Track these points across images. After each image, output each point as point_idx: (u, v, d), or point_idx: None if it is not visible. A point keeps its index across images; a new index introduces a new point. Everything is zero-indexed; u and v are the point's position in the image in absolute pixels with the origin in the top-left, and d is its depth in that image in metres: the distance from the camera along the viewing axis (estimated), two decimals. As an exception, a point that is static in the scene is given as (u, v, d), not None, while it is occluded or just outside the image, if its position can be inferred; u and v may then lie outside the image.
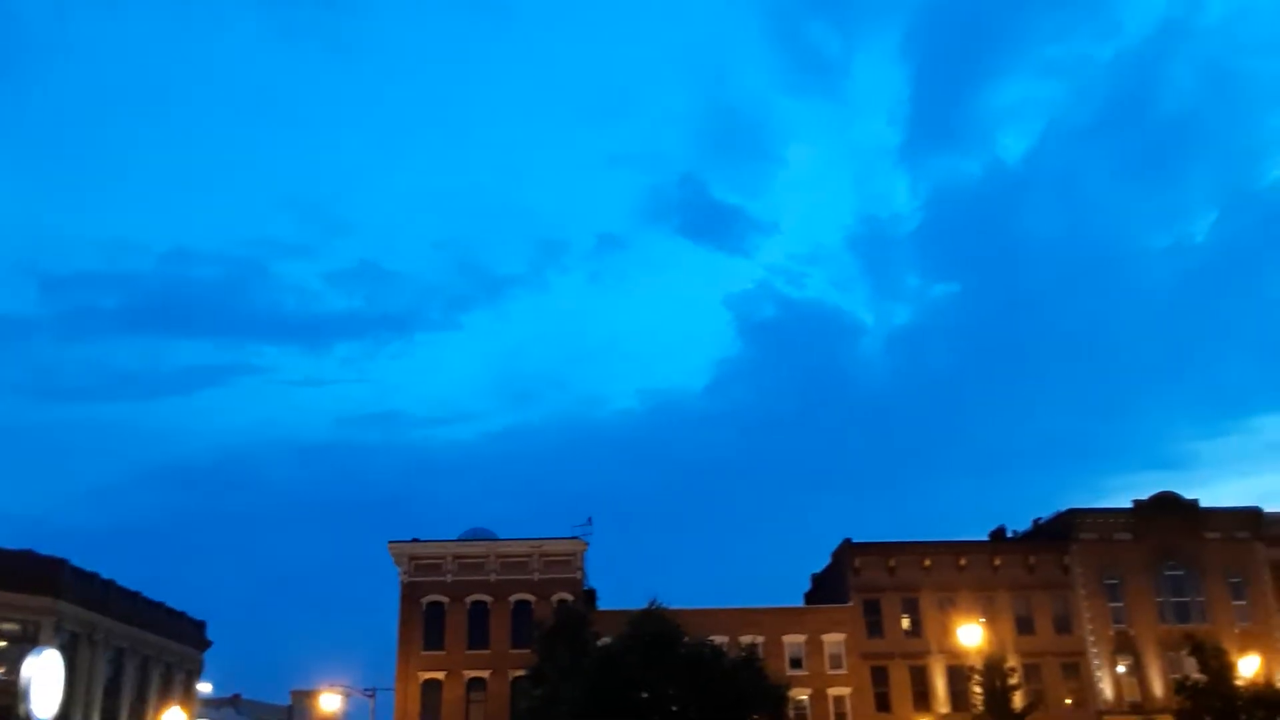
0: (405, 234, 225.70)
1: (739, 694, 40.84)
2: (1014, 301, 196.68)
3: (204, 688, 59.27)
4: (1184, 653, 50.15)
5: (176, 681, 54.50)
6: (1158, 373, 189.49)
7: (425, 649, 54.26)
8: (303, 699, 71.77)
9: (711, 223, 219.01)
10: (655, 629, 40.85)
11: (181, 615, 56.38)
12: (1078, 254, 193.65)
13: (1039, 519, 61.28)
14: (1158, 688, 54.29)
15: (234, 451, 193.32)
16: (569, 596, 54.43)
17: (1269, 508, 59.51)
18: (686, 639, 41.47)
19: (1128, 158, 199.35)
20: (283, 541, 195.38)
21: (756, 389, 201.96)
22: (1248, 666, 48.60)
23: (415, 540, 56.41)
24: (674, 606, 43.37)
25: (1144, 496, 59.44)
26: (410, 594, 55.26)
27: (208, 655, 59.58)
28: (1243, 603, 57.06)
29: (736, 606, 55.29)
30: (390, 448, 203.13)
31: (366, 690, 50.05)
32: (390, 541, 56.07)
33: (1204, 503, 59.43)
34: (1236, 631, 55.58)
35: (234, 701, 72.28)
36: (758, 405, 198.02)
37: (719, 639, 48.30)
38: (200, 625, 58.77)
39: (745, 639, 52.50)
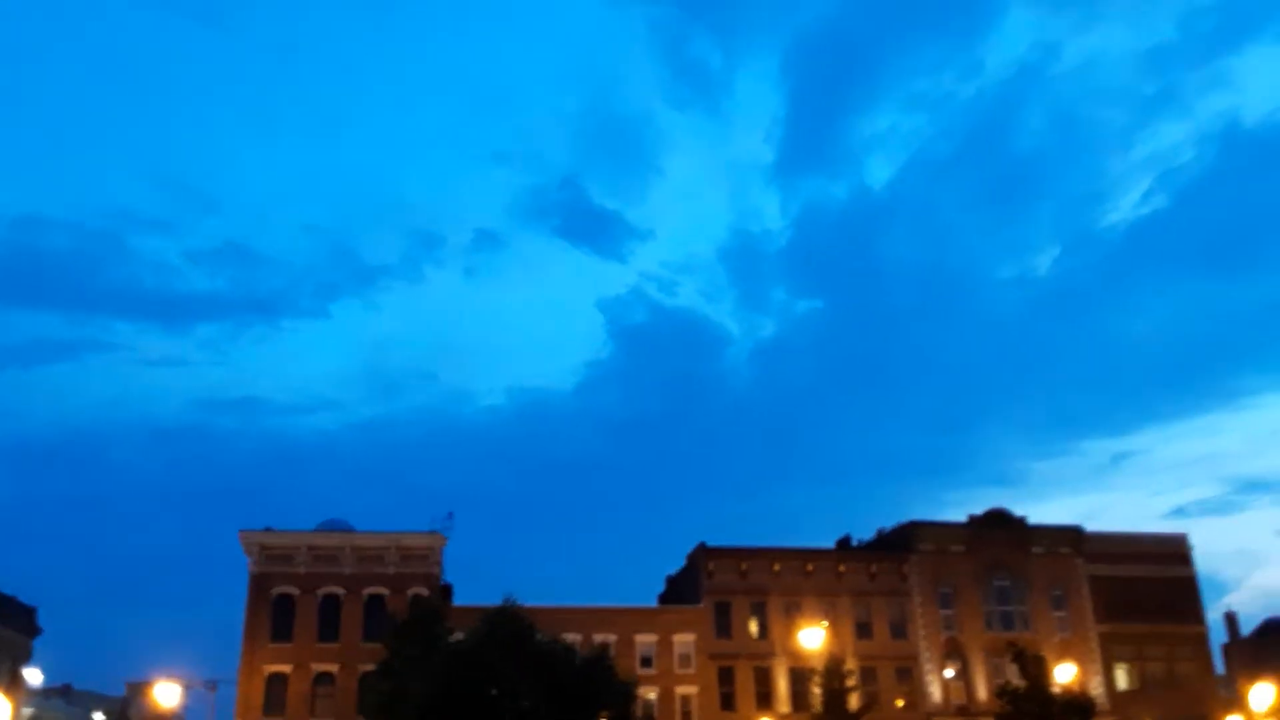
0: (275, 216, 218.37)
1: (589, 691, 41.68)
2: (873, 320, 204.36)
3: (33, 676, 56.54)
4: (1007, 659, 53.32)
5: (2, 669, 51.91)
6: (999, 395, 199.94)
7: (273, 641, 53.18)
8: (138, 690, 69.05)
9: (589, 226, 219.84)
10: (509, 626, 41.35)
11: (10, 600, 53.72)
12: (933, 279, 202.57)
13: (882, 529, 64.18)
14: (982, 692, 57.63)
15: (80, 430, 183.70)
16: (425, 591, 54.25)
17: (1090, 526, 64.11)
18: (540, 636, 42.11)
19: (982, 191, 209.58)
20: (127, 527, 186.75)
21: (624, 392, 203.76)
22: (1064, 674, 52.16)
23: (268, 530, 55.23)
24: (530, 604, 43.95)
25: (979, 512, 63.07)
26: (259, 584, 54.08)
27: (38, 642, 56.89)
28: (1063, 614, 61.12)
29: (591, 605, 56.13)
30: (248, 434, 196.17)
31: (207, 682, 48.67)
32: (241, 530, 54.76)
33: (1032, 519, 63.42)
34: (1056, 641, 59.56)
35: (64, 691, 68.99)
36: (625, 408, 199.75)
37: (572, 637, 49.17)
38: (30, 611, 56.09)
39: (599, 637, 53.65)
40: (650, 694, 53.85)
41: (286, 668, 52.83)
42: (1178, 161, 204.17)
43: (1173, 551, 64.60)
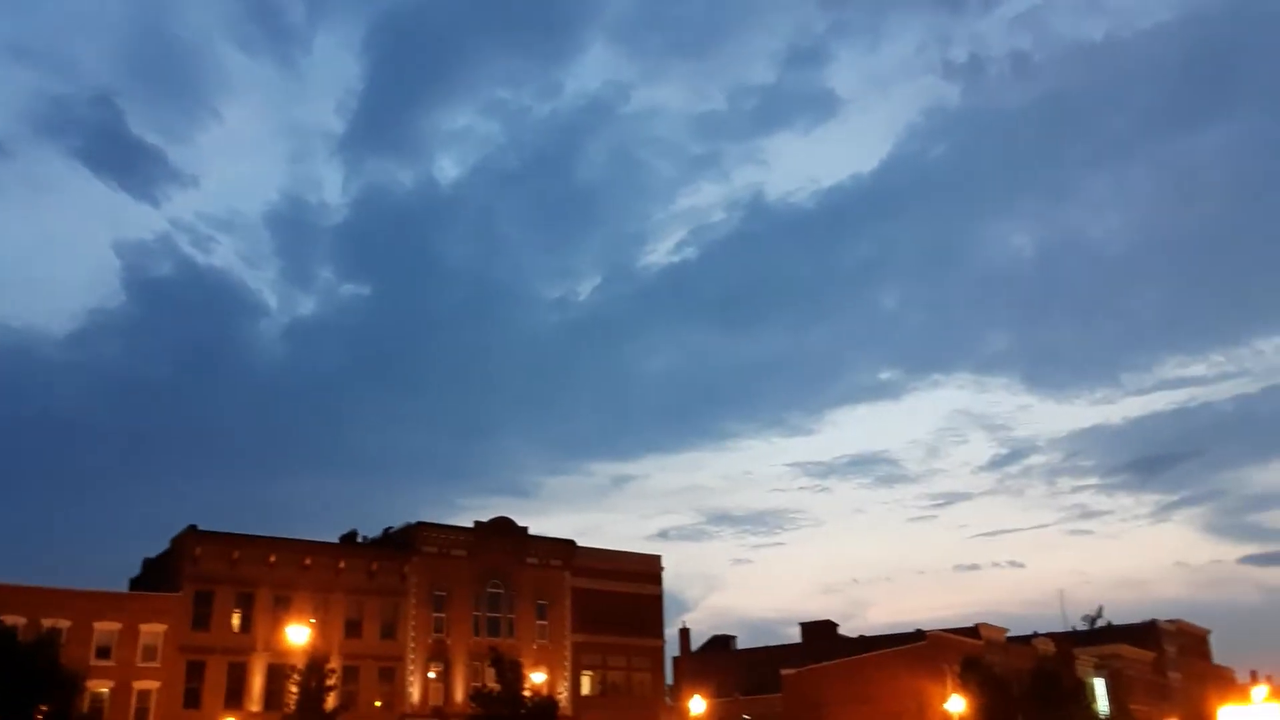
0: None
1: (25, 683, 36.95)
2: (418, 316, 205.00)
3: None
4: (487, 664, 55.52)
5: None
6: (525, 409, 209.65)
7: None
8: None
9: (120, 156, 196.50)
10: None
11: None
12: (483, 286, 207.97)
13: (390, 528, 63.95)
14: (460, 694, 59.25)
15: None
16: None
17: (585, 542, 68.79)
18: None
19: (541, 210, 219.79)
20: None
21: (131, 350, 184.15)
22: (537, 679, 55.47)
23: None
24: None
25: (486, 519, 65.19)
26: None
27: None
28: (545, 623, 64.84)
29: (42, 586, 49.26)
30: None
31: None
32: None
33: (536, 531, 66.83)
34: (535, 648, 62.98)
35: None
36: (129, 368, 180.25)
37: (15, 620, 43.44)
38: None
39: (49, 623, 47.43)
40: (103, 688, 48.62)
41: None
42: (709, 220, 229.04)
43: (648, 571, 71.35)
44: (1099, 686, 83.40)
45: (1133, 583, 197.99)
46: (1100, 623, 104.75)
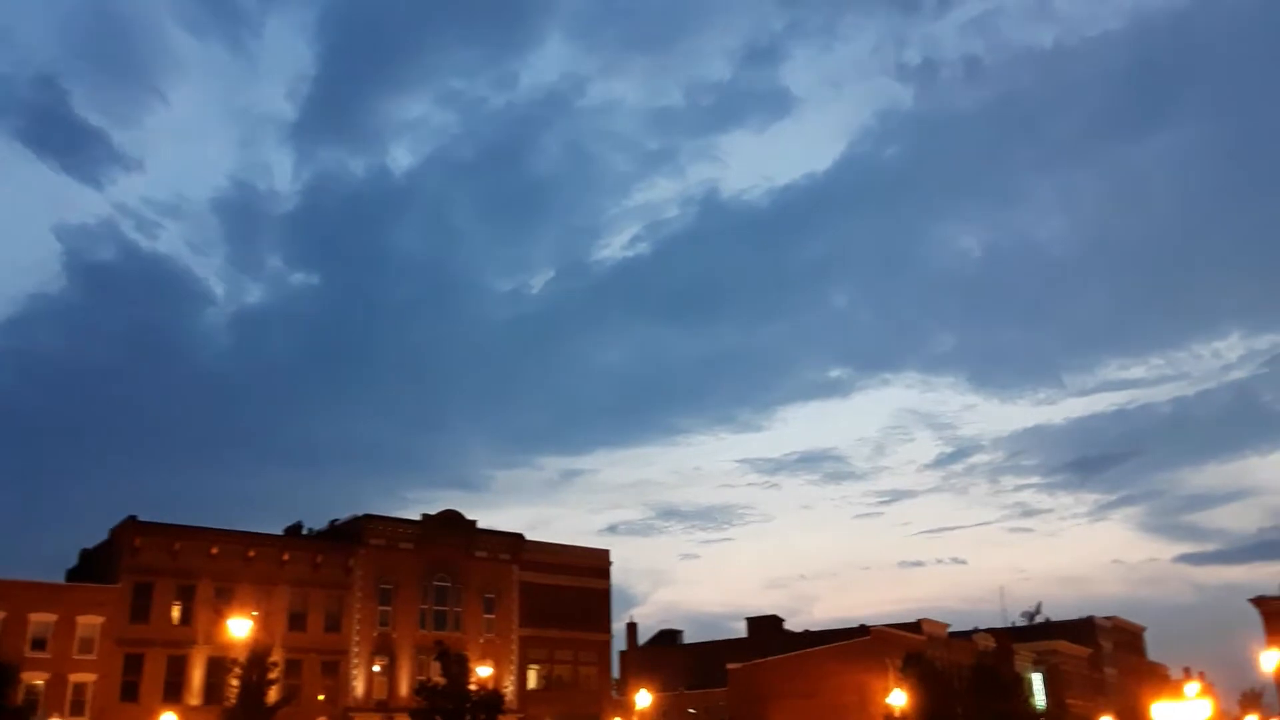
0: None
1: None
2: (369, 307, 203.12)
3: None
4: (433, 657, 55.16)
5: None
6: (476, 401, 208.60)
7: None
8: None
9: (62, 138, 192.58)
10: None
11: None
12: (436, 277, 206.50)
13: (336, 520, 63.32)
14: (404, 688, 58.89)
15: None
16: None
17: (535, 535, 68.66)
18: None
19: (495, 201, 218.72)
20: None
21: (72, 337, 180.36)
22: (483, 673, 55.28)
23: None
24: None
25: (434, 512, 64.75)
26: None
27: None
28: (492, 616, 64.59)
29: (-23, 577, 48.39)
30: None
31: None
32: None
33: (484, 524, 66.49)
34: (481, 641, 62.76)
35: None
36: (70, 356, 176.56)
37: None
38: None
39: (-17, 614, 46.48)
40: (38, 680, 47.64)
41: None
42: (663, 216, 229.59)
43: (596, 565, 71.38)
44: (1037, 681, 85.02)
45: (1071, 580, 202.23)
46: (1039, 619, 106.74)
